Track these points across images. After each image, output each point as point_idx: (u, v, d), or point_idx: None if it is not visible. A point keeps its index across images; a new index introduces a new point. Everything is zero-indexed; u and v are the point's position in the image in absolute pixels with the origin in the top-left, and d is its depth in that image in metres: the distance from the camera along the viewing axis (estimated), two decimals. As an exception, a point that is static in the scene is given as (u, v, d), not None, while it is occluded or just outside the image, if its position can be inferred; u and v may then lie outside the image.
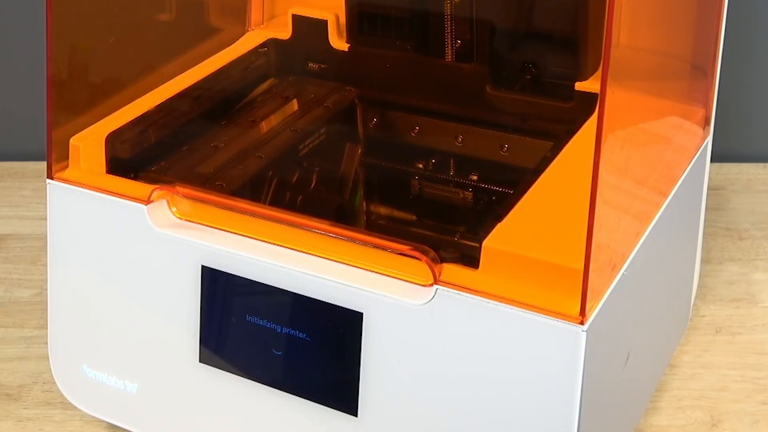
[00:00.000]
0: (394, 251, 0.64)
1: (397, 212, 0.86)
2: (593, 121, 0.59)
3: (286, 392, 0.68)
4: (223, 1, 0.88)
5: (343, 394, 0.66)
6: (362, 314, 0.64)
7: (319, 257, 0.66)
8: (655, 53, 0.70)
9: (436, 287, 0.63)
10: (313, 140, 0.82)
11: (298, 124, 0.81)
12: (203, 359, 0.70)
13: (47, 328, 0.75)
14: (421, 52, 0.83)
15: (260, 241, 0.68)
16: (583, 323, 0.60)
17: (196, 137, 0.79)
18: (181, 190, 0.70)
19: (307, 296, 0.66)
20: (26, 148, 1.12)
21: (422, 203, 0.84)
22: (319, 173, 0.82)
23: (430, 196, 0.83)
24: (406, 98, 0.84)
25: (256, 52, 0.87)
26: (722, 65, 0.81)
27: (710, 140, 0.82)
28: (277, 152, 0.79)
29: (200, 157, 0.77)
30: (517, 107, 0.80)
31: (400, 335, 0.64)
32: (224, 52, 0.86)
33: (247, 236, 0.68)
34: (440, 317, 0.63)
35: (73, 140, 0.73)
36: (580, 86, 0.78)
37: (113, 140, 0.74)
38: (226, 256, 0.68)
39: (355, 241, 0.66)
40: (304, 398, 0.67)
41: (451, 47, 0.81)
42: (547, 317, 0.60)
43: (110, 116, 0.76)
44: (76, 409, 0.76)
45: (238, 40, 0.88)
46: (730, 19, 0.81)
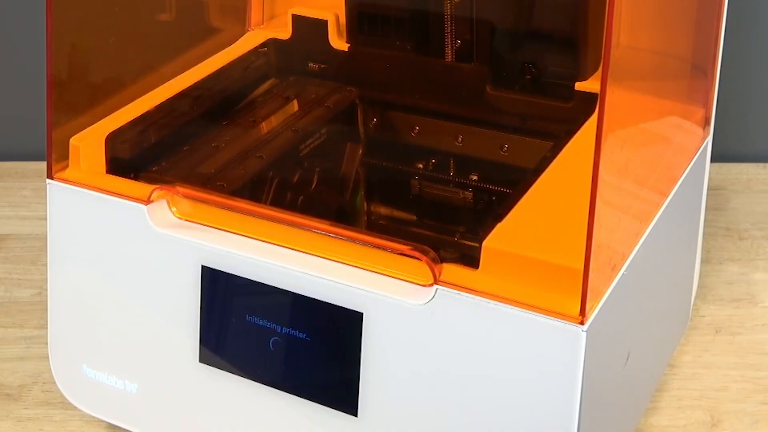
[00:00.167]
0: (394, 251, 0.64)
1: (397, 212, 0.86)
2: (593, 121, 0.59)
3: (286, 392, 0.68)
4: (223, 1, 0.88)
5: (343, 394, 0.66)
6: (362, 314, 0.64)
7: (319, 257, 0.66)
8: (655, 53, 0.70)
9: (436, 287, 0.63)
10: (313, 140, 0.82)
11: (298, 124, 0.81)
12: (203, 359, 0.70)
13: (47, 328, 0.75)
14: (421, 52, 0.83)
15: (260, 241, 0.68)
16: (583, 323, 0.60)
17: (196, 137, 0.79)
18: (181, 190, 0.70)
19: (307, 296, 0.66)
20: (26, 148, 1.12)
21: (422, 203, 0.84)
22: (319, 173, 0.82)
23: (430, 196, 0.83)
24: (406, 98, 0.84)
25: (256, 52, 0.87)
26: (722, 65, 0.81)
27: (710, 140, 0.82)
28: (277, 152, 0.79)
29: (200, 157, 0.77)
30: (517, 107, 0.80)
31: (400, 335, 0.64)
32: (224, 52, 0.86)
33: (247, 236, 0.68)
34: (440, 317, 0.63)
35: (73, 140, 0.73)
36: (580, 86, 0.78)
37: (113, 140, 0.74)
38: (226, 256, 0.68)
39: (355, 241, 0.66)
40: (304, 398, 0.67)
41: (451, 47, 0.81)
42: (547, 317, 0.60)
43: (110, 116, 0.76)
44: (76, 409, 0.76)
45: (238, 40, 0.88)
46: (730, 19, 0.81)
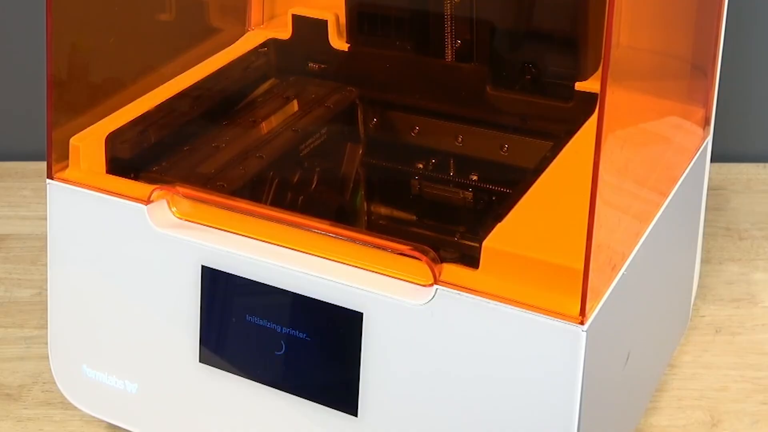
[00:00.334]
0: (394, 251, 0.64)
1: (397, 212, 0.86)
2: (593, 121, 0.59)
3: (286, 392, 0.68)
4: (223, 1, 0.88)
5: (343, 394, 0.66)
6: (362, 314, 0.64)
7: (319, 257, 0.66)
8: (655, 53, 0.70)
9: (436, 287, 0.63)
10: (313, 140, 0.82)
11: (298, 124, 0.81)
12: (203, 359, 0.70)
13: (47, 328, 0.75)
14: (421, 52, 0.83)
15: (260, 241, 0.68)
16: (583, 323, 0.60)
17: (196, 137, 0.79)
18: (181, 190, 0.70)
19: (307, 296, 0.66)
20: (26, 148, 1.12)
21: (422, 203, 0.84)
22: (319, 173, 0.82)
23: (430, 196, 0.83)
24: (406, 98, 0.83)
25: (256, 52, 0.87)
26: (722, 65, 0.81)
27: (710, 140, 0.82)
28: (277, 152, 0.79)
29: (200, 157, 0.77)
30: (517, 107, 0.80)
31: (400, 335, 0.64)
32: (224, 52, 0.86)
33: (247, 236, 0.68)
34: (440, 317, 0.63)
35: (73, 140, 0.73)
36: (580, 86, 0.78)
37: (113, 140, 0.74)
38: (226, 256, 0.68)
39: (355, 241, 0.66)
40: (304, 398, 0.67)
41: (451, 47, 0.81)
42: (547, 317, 0.60)
43: (110, 116, 0.76)
44: (76, 409, 0.76)
45: (238, 40, 0.88)
46: (730, 19, 0.81)
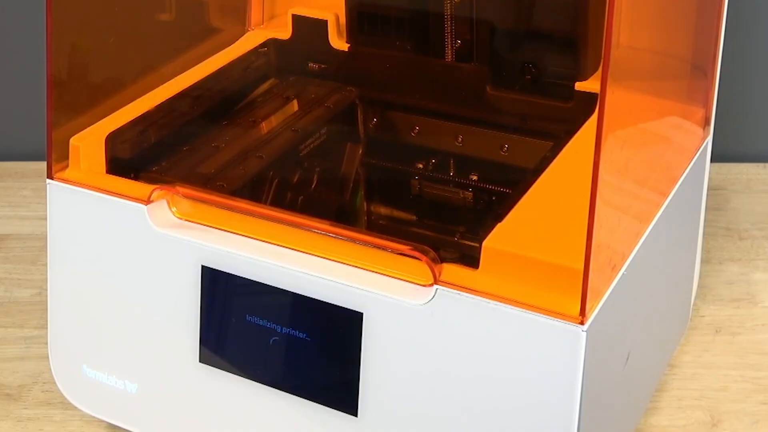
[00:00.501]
0: (394, 251, 0.64)
1: (397, 212, 0.86)
2: (593, 121, 0.59)
3: (286, 392, 0.68)
4: (223, 1, 0.88)
5: (343, 394, 0.66)
6: (362, 314, 0.64)
7: (319, 257, 0.66)
8: (655, 53, 0.70)
9: (436, 287, 0.63)
10: (313, 140, 0.82)
11: (298, 124, 0.81)
12: (203, 359, 0.70)
13: (47, 328, 0.75)
14: (421, 52, 0.83)
15: (260, 241, 0.68)
16: (583, 323, 0.60)
17: (196, 137, 0.79)
18: (181, 190, 0.70)
19: (307, 296, 0.66)
20: (26, 148, 1.12)
21: (422, 203, 0.84)
22: (319, 173, 0.82)
23: (430, 196, 0.83)
24: (406, 98, 0.83)
25: (256, 52, 0.87)
26: (722, 65, 0.81)
27: (710, 140, 0.82)
28: (277, 152, 0.79)
29: (200, 157, 0.77)
30: (517, 107, 0.80)
31: (400, 335, 0.64)
32: (224, 52, 0.86)
33: (247, 236, 0.68)
34: (440, 317, 0.63)
35: (73, 140, 0.73)
36: (580, 86, 0.78)
37: (113, 140, 0.74)
38: (226, 256, 0.68)
39: (355, 241, 0.66)
40: (304, 398, 0.67)
41: (451, 47, 0.81)
42: (547, 317, 0.60)
43: (110, 116, 0.76)
44: (76, 409, 0.76)
45: (238, 40, 0.88)
46: (730, 19, 0.81)
